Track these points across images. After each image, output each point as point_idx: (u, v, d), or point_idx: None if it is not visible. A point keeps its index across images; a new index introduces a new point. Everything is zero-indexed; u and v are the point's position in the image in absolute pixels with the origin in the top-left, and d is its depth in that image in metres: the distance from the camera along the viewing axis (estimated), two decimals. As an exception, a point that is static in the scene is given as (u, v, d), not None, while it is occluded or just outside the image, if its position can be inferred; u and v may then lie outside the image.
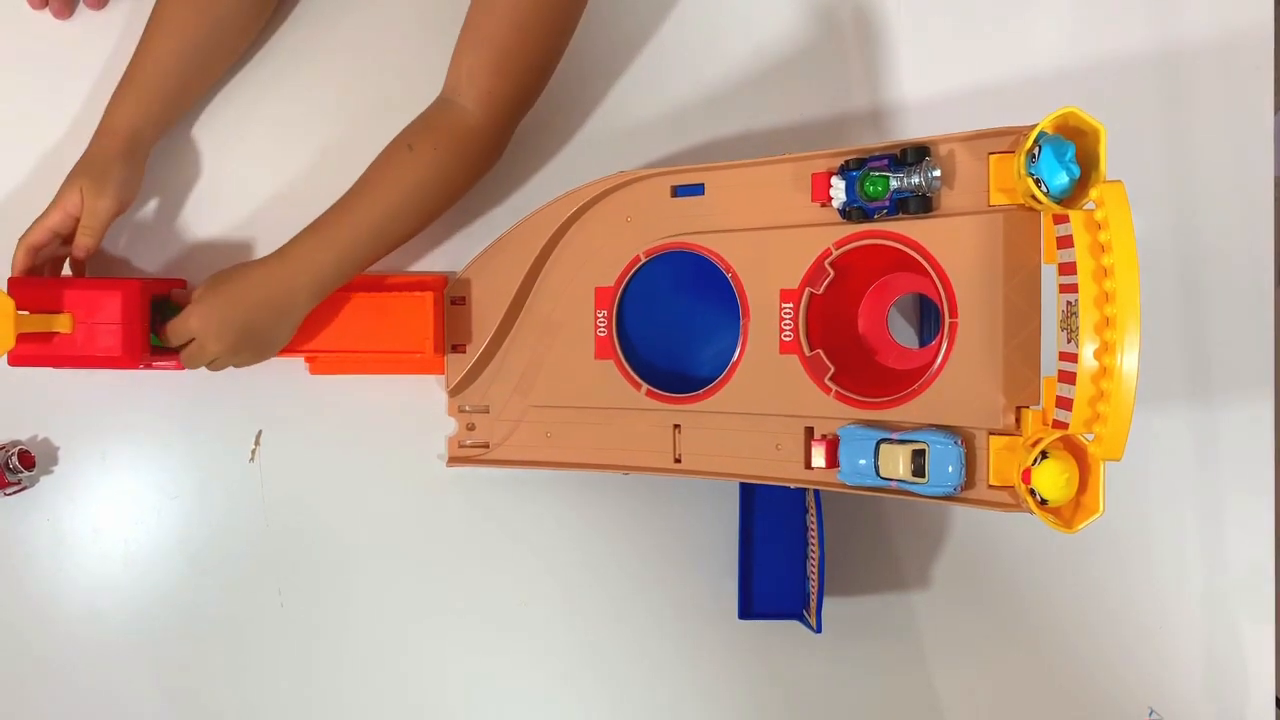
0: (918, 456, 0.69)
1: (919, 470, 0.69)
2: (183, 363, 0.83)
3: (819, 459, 0.73)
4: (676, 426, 0.81)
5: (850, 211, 0.73)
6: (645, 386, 0.82)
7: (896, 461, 0.69)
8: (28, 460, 0.90)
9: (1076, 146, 0.63)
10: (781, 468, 0.77)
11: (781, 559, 0.88)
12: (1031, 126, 0.63)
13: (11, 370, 0.82)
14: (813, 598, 0.84)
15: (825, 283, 0.75)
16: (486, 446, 0.89)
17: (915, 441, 0.69)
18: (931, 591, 0.92)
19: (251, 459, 0.92)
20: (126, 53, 0.85)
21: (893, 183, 0.71)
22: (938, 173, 0.70)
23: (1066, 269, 0.64)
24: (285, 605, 0.92)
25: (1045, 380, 0.67)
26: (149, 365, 0.86)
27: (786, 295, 0.76)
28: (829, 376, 0.75)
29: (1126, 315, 0.60)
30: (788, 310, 0.76)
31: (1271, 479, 0.91)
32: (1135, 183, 0.62)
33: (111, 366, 0.83)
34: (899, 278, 0.80)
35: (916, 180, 0.70)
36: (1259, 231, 0.91)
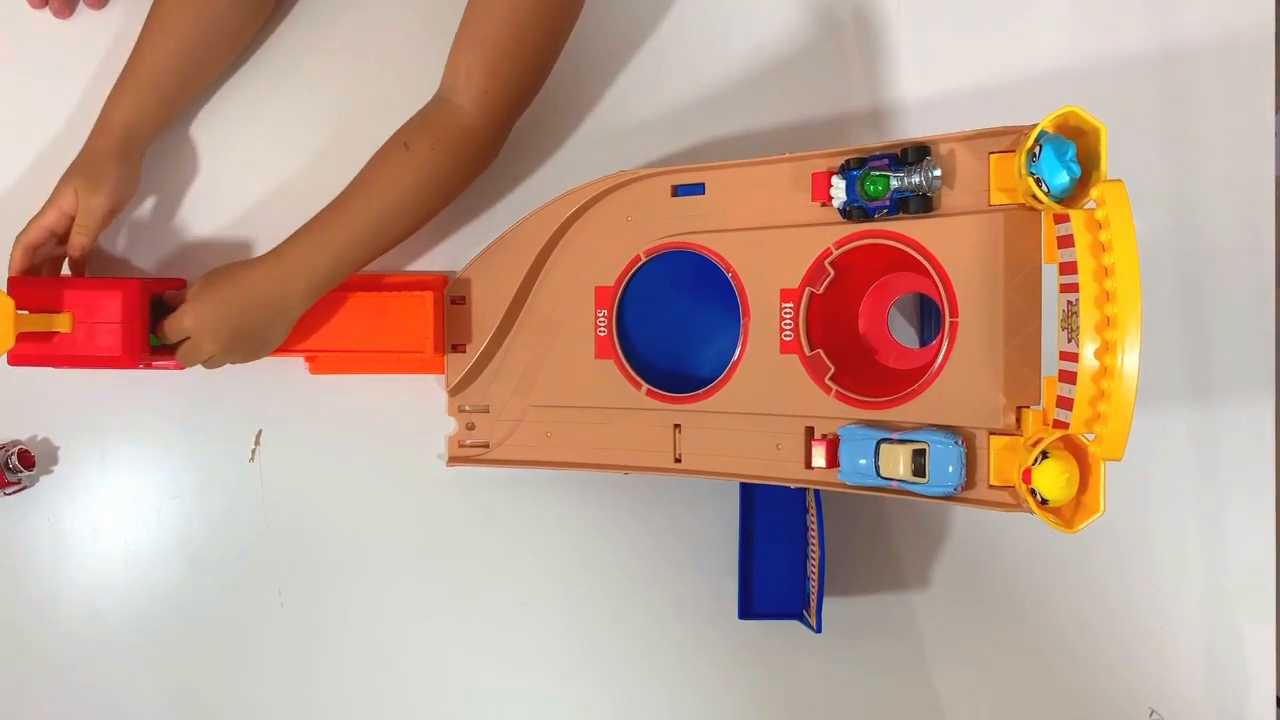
0: (918, 456, 0.69)
1: (919, 470, 0.68)
2: (178, 360, 0.83)
3: (819, 459, 0.73)
4: (677, 426, 0.81)
5: (850, 211, 0.73)
6: (645, 386, 0.82)
7: (897, 461, 0.69)
8: (28, 460, 0.90)
9: (1077, 146, 0.63)
10: (782, 467, 0.77)
11: (781, 559, 0.88)
12: (1032, 126, 0.63)
13: (11, 370, 0.82)
14: (813, 598, 0.84)
15: (825, 282, 0.75)
16: (486, 446, 0.89)
17: (916, 441, 0.69)
18: (931, 591, 0.92)
19: (251, 459, 0.92)
20: (126, 52, 0.85)
21: (893, 182, 0.71)
22: (938, 172, 0.70)
23: (1067, 268, 0.64)
24: (285, 605, 0.92)
25: (1046, 380, 0.67)
26: (149, 365, 0.86)
27: (787, 295, 0.76)
28: (829, 376, 0.74)
29: (1127, 315, 0.60)
30: (788, 310, 0.76)
31: (1272, 479, 0.91)
32: (1135, 182, 0.62)
33: (111, 366, 0.83)
34: (899, 277, 0.80)
35: (917, 180, 0.70)
36: (1259, 231, 0.91)
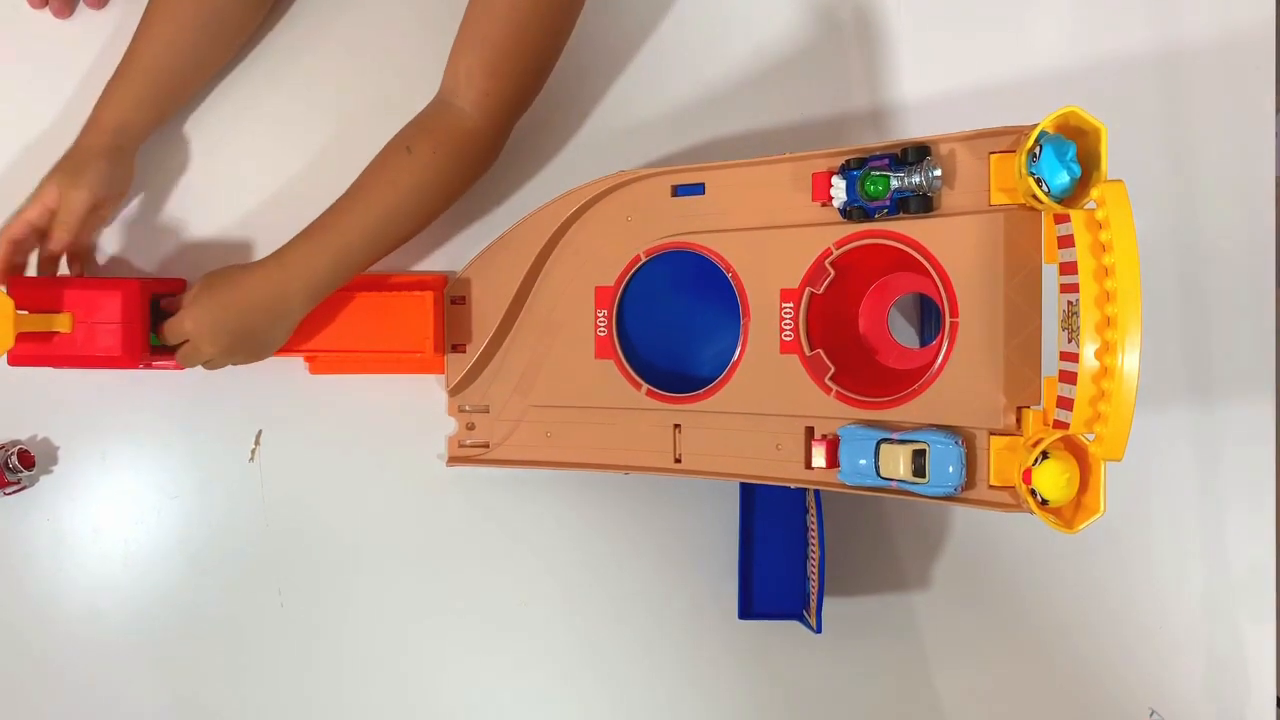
0: (918, 456, 0.68)
1: (919, 470, 0.68)
2: (178, 362, 0.83)
3: (819, 459, 0.73)
4: (677, 426, 0.81)
5: (851, 211, 0.73)
6: (645, 386, 0.82)
7: (897, 461, 0.69)
8: (28, 460, 0.89)
9: (1077, 146, 0.63)
10: (782, 468, 0.77)
11: (781, 559, 0.88)
12: (1032, 126, 0.63)
13: (11, 370, 0.82)
14: (813, 598, 0.84)
15: (826, 282, 0.75)
16: (486, 446, 0.89)
17: (916, 441, 0.69)
18: (931, 591, 0.92)
19: (251, 459, 0.92)
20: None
21: (893, 182, 0.71)
22: (938, 172, 0.70)
23: (1067, 268, 0.64)
24: (285, 605, 0.92)
25: (1046, 380, 0.67)
26: (149, 365, 0.86)
27: (787, 295, 0.76)
28: (829, 376, 0.74)
29: (1127, 315, 0.60)
30: (788, 310, 0.76)
31: (1272, 479, 0.91)
32: (1135, 182, 0.62)
33: (111, 366, 0.83)
34: (899, 277, 0.80)
35: (917, 180, 0.70)
36: (1259, 231, 0.91)
